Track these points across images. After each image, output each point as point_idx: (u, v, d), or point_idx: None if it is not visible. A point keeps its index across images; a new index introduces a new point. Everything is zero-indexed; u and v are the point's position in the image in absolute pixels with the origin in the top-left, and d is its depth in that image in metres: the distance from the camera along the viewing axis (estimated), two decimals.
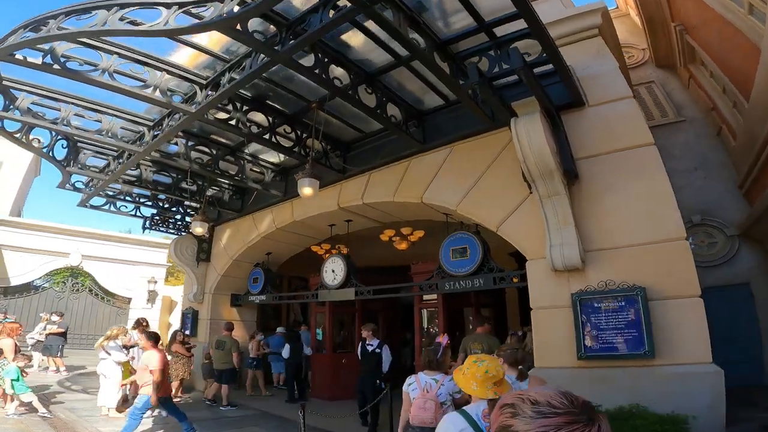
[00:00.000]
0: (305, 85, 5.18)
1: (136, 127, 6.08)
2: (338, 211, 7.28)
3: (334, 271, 7.64)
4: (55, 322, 10.12)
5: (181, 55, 4.92)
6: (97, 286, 15.56)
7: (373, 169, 6.59)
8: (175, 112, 5.29)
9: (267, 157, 7.42)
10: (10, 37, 4.11)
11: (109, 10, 3.72)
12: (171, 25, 3.57)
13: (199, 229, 7.83)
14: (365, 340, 6.34)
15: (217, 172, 7.00)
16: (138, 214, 9.04)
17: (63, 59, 4.29)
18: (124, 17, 3.69)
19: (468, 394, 2.11)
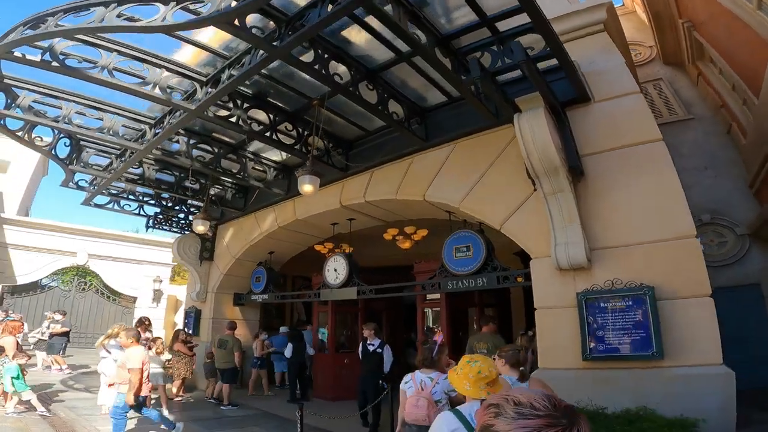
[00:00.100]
0: (306, 82, 5.14)
1: (138, 125, 6.08)
2: (341, 209, 7.24)
3: (336, 270, 7.59)
4: (58, 321, 10.17)
5: (185, 54, 4.92)
6: (102, 285, 15.66)
7: (376, 167, 6.53)
8: (176, 109, 5.27)
9: (269, 155, 7.39)
10: (9, 35, 4.13)
11: (106, 7, 3.71)
12: (168, 21, 3.55)
13: (200, 227, 7.80)
14: (366, 340, 6.28)
15: (219, 170, 6.98)
16: (142, 212, 9.04)
17: (62, 56, 4.30)
18: (122, 14, 3.68)
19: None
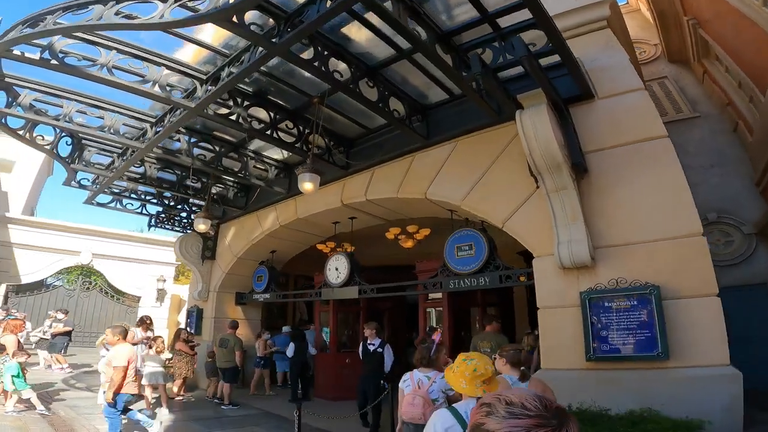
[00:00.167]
0: (306, 79, 5.11)
1: (139, 123, 6.07)
2: (342, 207, 7.20)
3: (337, 269, 7.55)
4: (60, 320, 10.21)
5: (186, 52, 4.91)
6: (107, 284, 15.72)
7: (377, 165, 6.48)
8: (176, 107, 5.26)
9: (270, 153, 7.37)
10: (9, 33, 4.13)
11: (105, 5, 3.69)
12: (166, 18, 3.53)
13: (201, 226, 7.79)
14: (367, 339, 6.24)
15: (221, 168, 6.97)
16: (144, 211, 9.06)
17: (61, 55, 4.29)
18: (120, 11, 3.66)
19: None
